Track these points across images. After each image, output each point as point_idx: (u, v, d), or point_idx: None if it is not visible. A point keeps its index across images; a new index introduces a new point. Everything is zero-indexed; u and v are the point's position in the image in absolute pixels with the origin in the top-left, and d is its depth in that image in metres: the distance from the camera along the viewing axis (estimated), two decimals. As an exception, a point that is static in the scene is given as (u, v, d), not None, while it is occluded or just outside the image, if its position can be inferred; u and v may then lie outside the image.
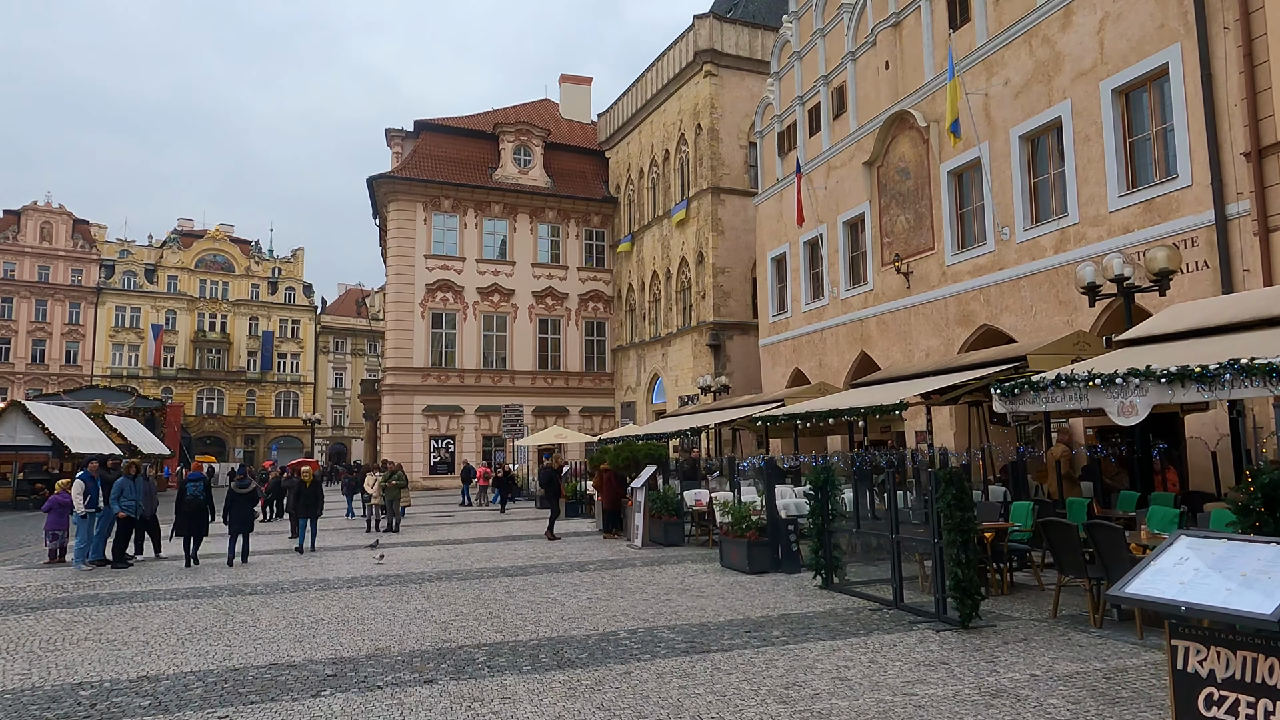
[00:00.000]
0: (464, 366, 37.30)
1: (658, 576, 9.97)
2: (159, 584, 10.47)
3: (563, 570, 10.77)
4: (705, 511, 12.95)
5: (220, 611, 8.31)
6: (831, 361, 23.29)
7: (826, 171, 23.77)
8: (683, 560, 11.37)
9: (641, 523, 12.77)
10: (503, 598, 8.76)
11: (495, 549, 13.75)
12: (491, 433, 37.30)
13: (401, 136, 39.86)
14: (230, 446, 65.93)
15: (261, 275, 70.71)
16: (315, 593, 9.44)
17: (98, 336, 63.77)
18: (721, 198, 31.72)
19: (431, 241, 37.32)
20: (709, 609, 7.77)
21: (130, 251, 66.62)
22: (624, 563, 11.37)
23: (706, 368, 31.15)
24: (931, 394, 11.22)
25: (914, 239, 20.10)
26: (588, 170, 41.58)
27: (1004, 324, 17.22)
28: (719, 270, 31.37)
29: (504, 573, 10.73)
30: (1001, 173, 17.30)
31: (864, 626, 6.72)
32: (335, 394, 73.86)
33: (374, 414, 42.49)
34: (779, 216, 26.47)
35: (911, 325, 20.10)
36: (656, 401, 36.05)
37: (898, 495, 10.55)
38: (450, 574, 10.73)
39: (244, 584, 10.32)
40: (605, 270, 40.70)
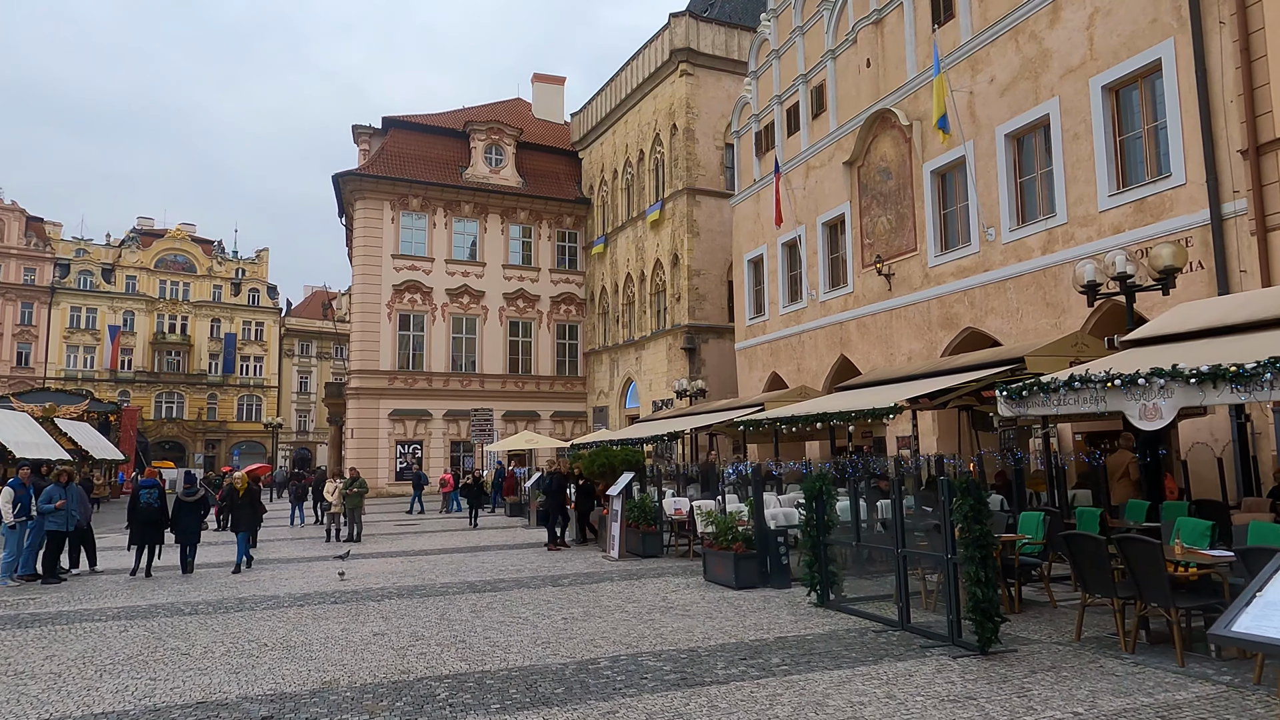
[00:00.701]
0: (432, 370, 36.31)
1: (637, 592, 9.28)
2: (90, 602, 9.55)
3: (535, 585, 10.03)
4: (685, 521, 12.28)
5: (151, 636, 7.46)
6: (810, 365, 22.80)
7: (805, 172, 23.32)
8: (663, 573, 10.68)
9: (618, 533, 12.06)
10: (469, 618, 8.02)
11: (462, 561, 12.95)
12: (460, 437, 36.33)
13: (369, 134, 38.82)
14: (190, 451, 63.98)
15: (224, 276, 68.85)
16: (262, 612, 8.60)
17: (51, 338, 61.54)
18: (697, 199, 31.18)
19: (399, 241, 36.31)
20: (697, 631, 7.10)
21: (87, 251, 64.46)
22: (600, 576, 10.66)
23: (681, 371, 30.53)
24: (920, 398, 10.67)
25: (895, 240, 19.68)
26: (560, 171, 40.84)
27: (989, 326, 16.81)
28: (694, 272, 30.80)
29: (471, 588, 9.96)
30: (987, 172, 16.91)
31: (871, 652, 6.09)
32: (300, 398, 72.12)
33: (339, 418, 41.25)
34: (756, 218, 25.98)
35: (893, 328, 19.65)
36: (630, 406, 35.36)
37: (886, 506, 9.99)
38: (413, 590, 9.93)
39: (184, 602, 9.44)
40: (578, 272, 39.97)
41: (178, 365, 65.69)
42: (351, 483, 17.27)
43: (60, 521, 11.64)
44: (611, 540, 12.25)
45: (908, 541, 6.64)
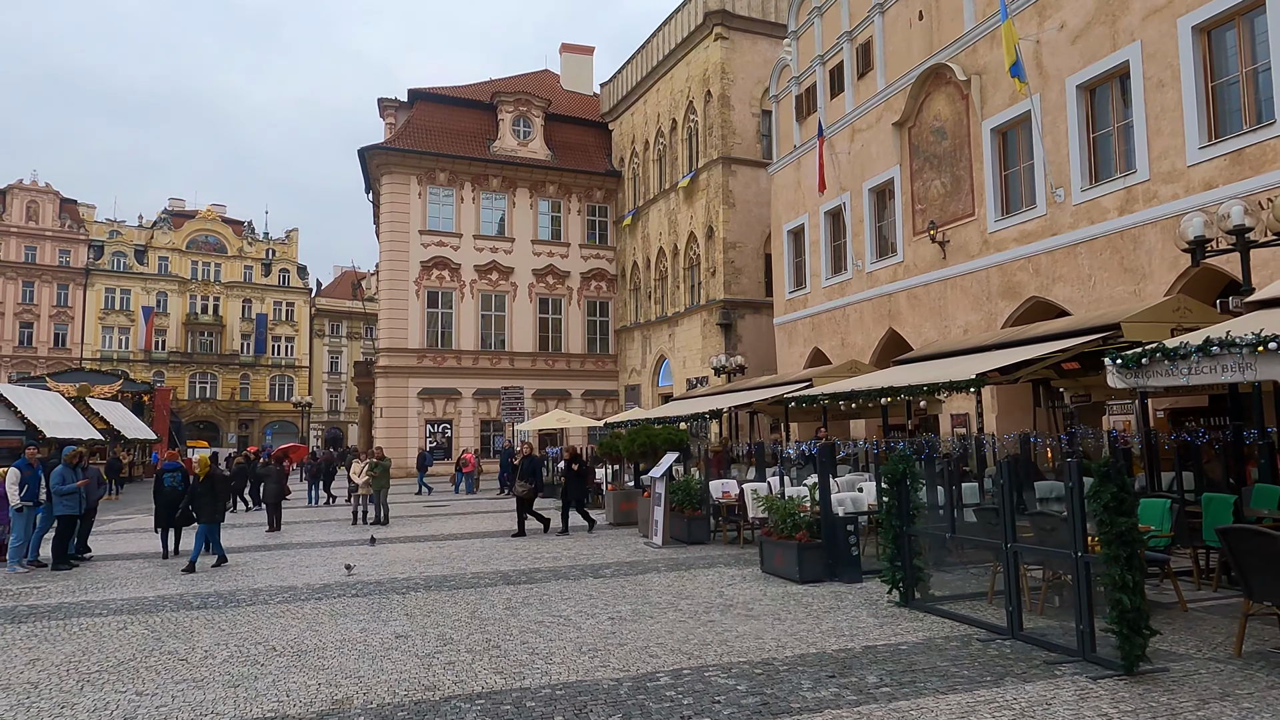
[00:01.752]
0: (461, 348, 35.62)
1: (689, 586, 8.37)
2: (95, 592, 8.86)
3: (574, 576, 9.16)
4: (734, 505, 11.33)
5: (150, 635, 6.70)
6: (855, 340, 21.64)
7: (850, 135, 22.03)
8: (713, 563, 9.75)
9: (661, 518, 11.15)
10: (503, 616, 7.16)
11: (495, 547, 12.14)
12: (490, 417, 35.67)
13: (395, 107, 37.97)
14: (224, 431, 64.34)
15: (255, 257, 68.82)
16: (276, 606, 7.83)
17: (87, 319, 61.98)
18: (733, 168, 29.94)
19: (426, 216, 35.53)
20: (768, 637, 6.15)
21: (120, 232, 64.69)
22: (645, 566, 9.78)
23: (717, 348, 29.47)
24: (995, 371, 9.57)
25: (951, 205, 18.40)
26: (590, 143, 39.72)
27: (1056, 295, 15.56)
28: (730, 245, 29.64)
29: (504, 579, 9.11)
30: (1055, 128, 15.57)
31: (986, 669, 5.06)
32: (331, 378, 72.21)
33: (368, 398, 40.84)
34: (796, 186, 24.74)
35: (947, 299, 18.43)
36: (663, 384, 34.42)
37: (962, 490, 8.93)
38: (441, 581, 9.11)
39: (194, 593, 8.71)
40: (608, 247, 38.94)
41: (210, 346, 65.95)
42: (376, 464, 16.42)
43: (73, 505, 11.00)
44: (654, 526, 11.34)
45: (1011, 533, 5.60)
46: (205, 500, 10.94)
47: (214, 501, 10.95)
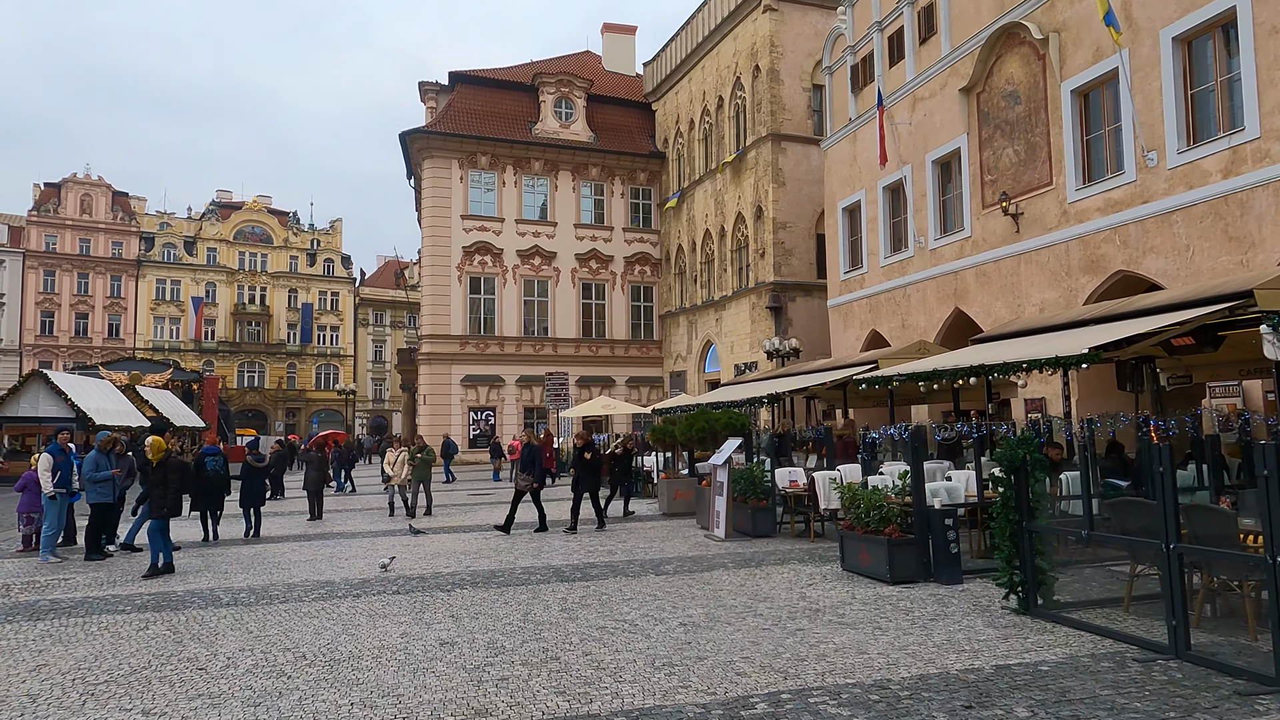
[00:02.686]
0: (504, 334, 35.09)
1: (765, 585, 7.52)
2: (122, 586, 8.32)
3: (633, 573, 8.37)
4: (804, 495, 10.41)
5: (172, 636, 6.07)
6: (917, 321, 20.47)
7: (911, 104, 20.78)
8: (786, 559, 8.88)
9: (724, 509, 10.29)
10: (560, 619, 6.41)
11: (544, 539, 11.42)
12: (534, 404, 35.13)
13: (436, 90, 37.48)
14: (271, 420, 65.08)
15: (300, 247, 69.38)
16: (310, 604, 7.17)
17: (139, 309, 63.06)
18: (782, 145, 28.78)
19: (468, 201, 34.99)
20: (872, 650, 5.27)
21: (170, 224, 65.65)
22: (710, 562, 8.94)
23: (766, 332, 28.43)
24: (1103, 346, 8.47)
25: (1025, 174, 17.13)
26: (633, 124, 38.79)
27: (1147, 268, 14.28)
28: (780, 225, 28.53)
29: (558, 575, 8.35)
30: (1147, 85, 14.24)
31: (1163, 700, 4.12)
32: (375, 367, 72.66)
33: (411, 385, 40.66)
34: (852, 161, 23.56)
35: (1020, 275, 17.20)
36: (709, 370, 33.48)
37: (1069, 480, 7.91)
38: (489, 577, 8.39)
39: (225, 588, 8.11)
40: (652, 231, 38.03)
41: (258, 335, 66.70)
42: (418, 451, 15.52)
43: (106, 493, 10.53)
44: (716, 517, 10.49)
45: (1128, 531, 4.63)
46: (155, 490, 9.30)
47: (164, 493, 9.27)
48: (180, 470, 9.57)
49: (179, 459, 9.90)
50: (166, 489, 9.27)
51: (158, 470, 9.31)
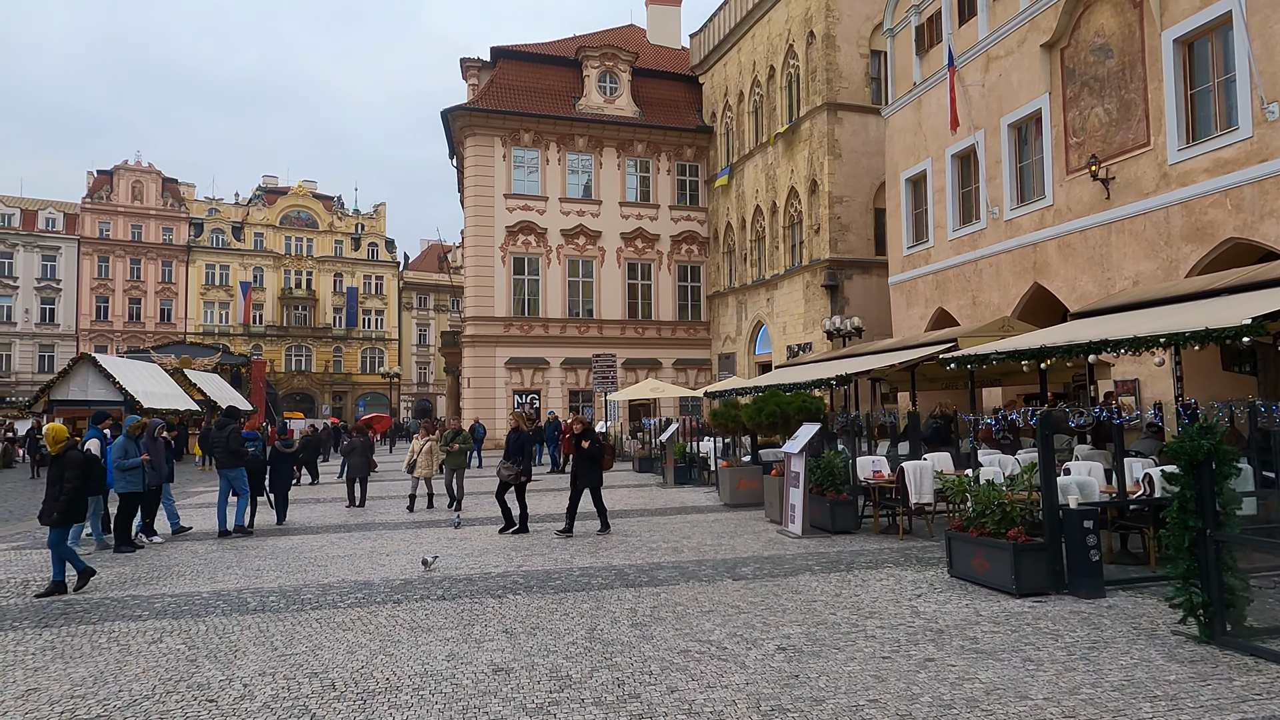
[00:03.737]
0: (548, 316, 34.33)
1: (863, 595, 6.55)
2: (145, 585, 7.64)
3: (706, 577, 7.40)
4: (889, 487, 9.33)
5: (185, 653, 5.30)
6: (990, 298, 19.11)
7: (984, 65, 19.30)
8: (878, 561, 7.86)
9: (800, 502, 9.27)
10: (632, 639, 5.46)
11: (597, 529, 10.52)
12: (579, 387, 34.38)
13: (478, 67, 36.66)
14: (319, 403, 65.59)
15: (344, 231, 69.61)
16: (346, 612, 6.38)
17: (189, 294, 63.86)
18: (838, 115, 27.34)
19: (511, 179, 34.19)
20: (1035, 693, 4.21)
21: (218, 210, 66.28)
22: (791, 563, 7.95)
23: (821, 312, 27.17)
24: (1264, 316, 7.22)
25: (1117, 135, 15.65)
26: (679, 98, 37.54)
27: (1264, 234, 12.81)
28: (836, 200, 27.15)
29: (621, 579, 7.44)
30: (1267, 29, 12.71)
31: None
32: (419, 350, 72.83)
33: (455, 368, 40.22)
34: (916, 128, 22.13)
35: (1111, 246, 15.76)
36: (760, 352, 32.32)
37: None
38: (544, 579, 7.51)
39: (253, 588, 7.38)
40: (700, 208, 36.84)
41: (304, 319, 67.17)
42: (454, 437, 13.63)
43: (135, 481, 9.93)
44: (791, 512, 9.48)
45: None
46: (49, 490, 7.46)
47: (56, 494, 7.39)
48: (82, 467, 7.59)
49: (81, 453, 7.91)
50: (60, 489, 7.37)
51: (54, 465, 7.50)
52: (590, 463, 10.58)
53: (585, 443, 10.57)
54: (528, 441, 11.02)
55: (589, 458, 10.54)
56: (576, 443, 10.67)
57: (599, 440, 10.89)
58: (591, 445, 10.54)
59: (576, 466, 10.63)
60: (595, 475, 10.64)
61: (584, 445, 10.57)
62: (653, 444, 20.77)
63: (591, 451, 10.54)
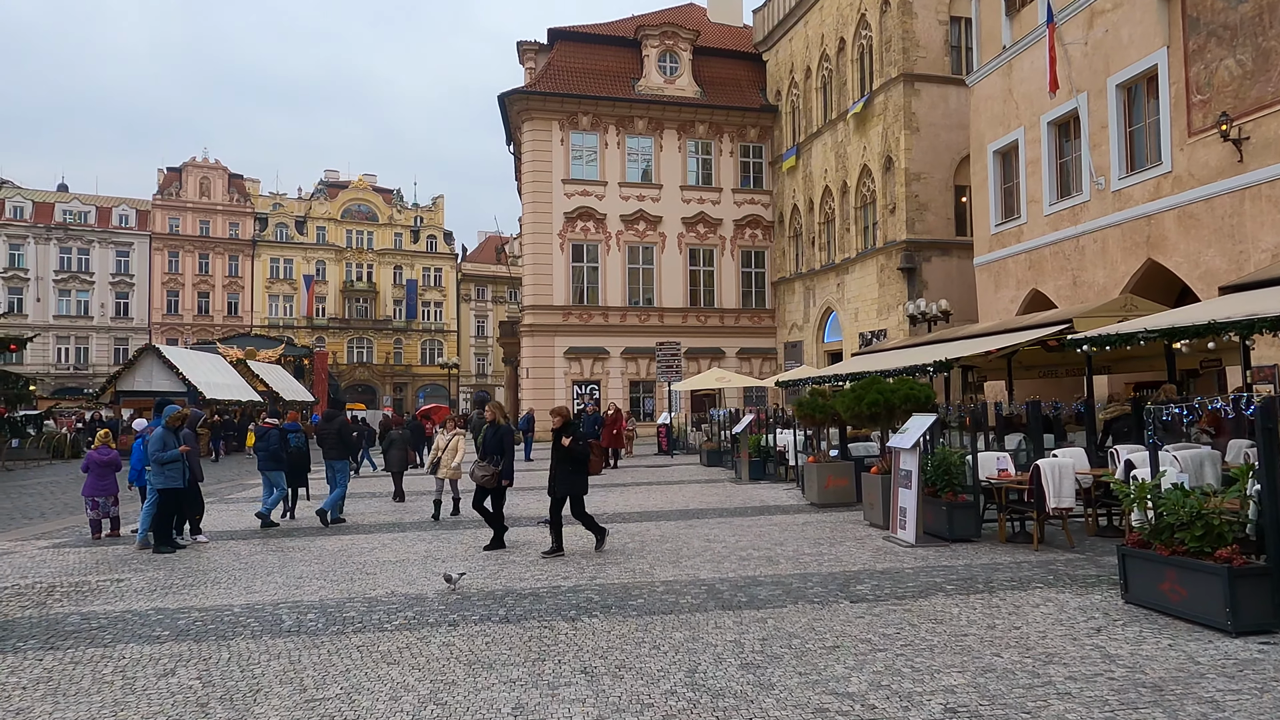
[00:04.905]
0: (608, 304, 33.35)
1: (1024, 626, 5.29)
2: (174, 595, 6.81)
3: (816, 596, 6.22)
4: (1020, 488, 7.96)
5: (198, 690, 4.37)
6: (1094, 277, 17.37)
7: (1087, 21, 17.51)
8: (1022, 579, 6.57)
9: (913, 505, 8.00)
10: (746, 687, 4.32)
11: (674, 532, 9.47)
12: (640, 377, 33.37)
13: (535, 50, 35.81)
14: (380, 394, 66.13)
15: (404, 224, 70.01)
16: (393, 635, 5.41)
17: (255, 287, 64.94)
18: (916, 87, 25.60)
19: (570, 164, 33.27)
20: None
21: (281, 204, 67.26)
22: (915, 580, 6.70)
23: (897, 297, 25.56)
24: None
25: (1252, 88, 13.82)
26: (742, 77, 36.09)
27: None
28: (913, 177, 25.45)
29: (713, 596, 6.31)
30: None
31: None
32: (477, 342, 72.92)
33: (513, 359, 39.64)
34: (1006, 96, 20.37)
35: (1245, 215, 13.95)
36: (829, 340, 30.78)
37: None
38: (622, 596, 6.43)
39: (293, 600, 6.49)
40: (764, 191, 35.36)
41: (365, 312, 67.78)
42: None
43: (175, 476, 9.22)
44: (901, 516, 8.22)
45: None
46: None
47: None
48: None
49: None
50: None
51: None
52: (572, 465, 8.55)
53: (565, 440, 8.50)
54: (507, 437, 9.16)
55: (570, 459, 8.52)
56: (556, 440, 8.62)
57: (587, 438, 9.12)
58: (574, 444, 8.50)
59: (554, 469, 8.65)
60: (578, 481, 8.63)
61: (563, 443, 8.51)
62: (721, 436, 19.58)
63: (573, 451, 8.49)
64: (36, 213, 60.06)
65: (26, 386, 24.03)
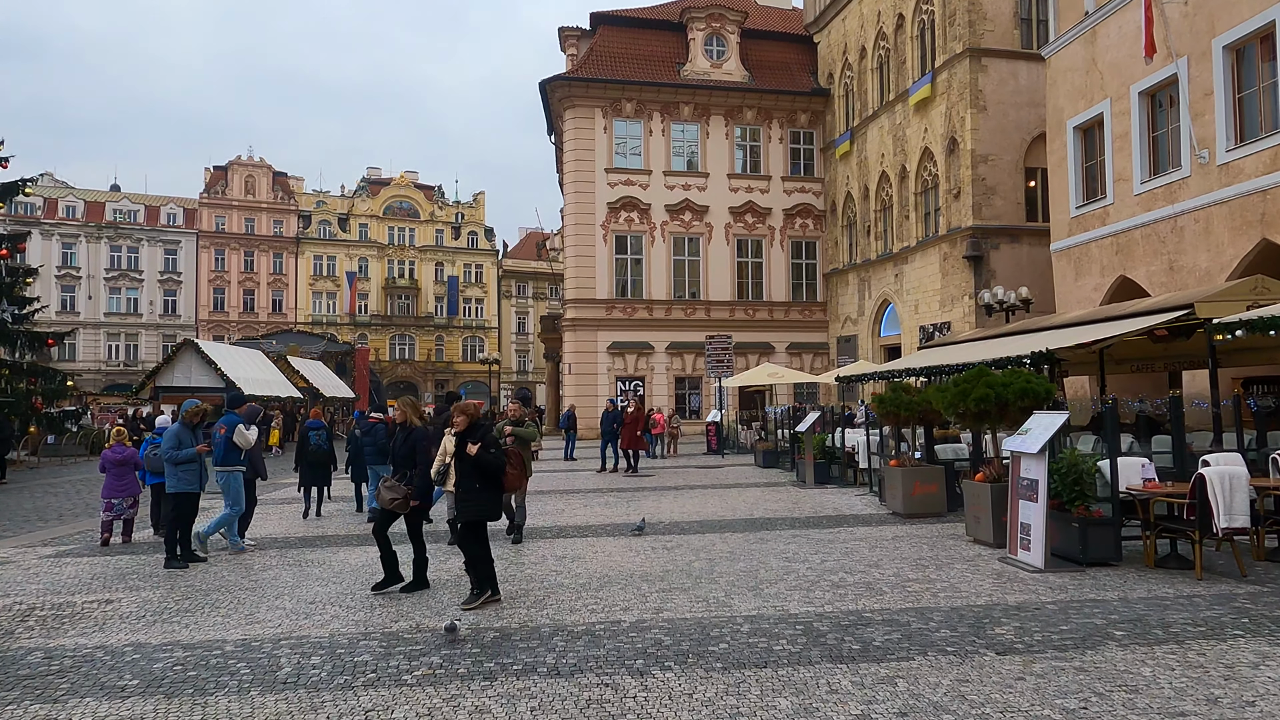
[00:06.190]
0: (652, 297, 32.15)
1: (1256, 702, 3.92)
2: (164, 624, 5.70)
3: (947, 643, 4.93)
4: (1174, 501, 6.53)
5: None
6: (1194, 260, 15.68)
7: (1188, -24, 15.77)
8: (1207, 623, 5.18)
9: (1038, 521, 6.62)
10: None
11: (744, 547, 8.20)
12: (685, 373, 32.12)
13: (577, 36, 34.75)
14: (421, 391, 65.88)
15: (445, 220, 69.68)
16: (412, 694, 4.27)
17: (299, 285, 65.14)
18: (983, 63, 23.95)
19: (613, 153, 32.12)
20: None
21: (325, 202, 67.40)
22: (1068, 622, 5.29)
23: (961, 287, 23.96)
24: None
25: (1398, 41, 12.06)
26: (792, 60, 34.58)
27: None
28: (980, 159, 23.80)
29: (816, 640, 5.01)
30: None
31: None
32: (518, 338, 72.35)
33: (555, 354, 38.68)
34: (1089, 67, 18.69)
35: (1386, 187, 12.21)
36: (886, 334, 29.20)
37: None
38: (699, 638, 5.15)
39: (296, 635, 5.38)
40: (815, 179, 33.82)
41: (407, 309, 67.60)
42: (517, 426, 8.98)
43: (190, 479, 8.27)
44: (1024, 534, 6.85)
45: None
46: None
47: None
48: None
49: None
50: None
51: None
52: (479, 480, 6.34)
53: (472, 446, 6.30)
54: (420, 443, 7.00)
55: (478, 471, 6.32)
56: (459, 447, 6.40)
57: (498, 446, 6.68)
58: (486, 453, 6.32)
59: (458, 485, 6.43)
60: (485, 501, 6.36)
61: (469, 450, 6.30)
62: (778, 436, 18.24)
63: (485, 463, 6.32)
64: (88, 212, 60.94)
65: (64, 382, 23.67)
